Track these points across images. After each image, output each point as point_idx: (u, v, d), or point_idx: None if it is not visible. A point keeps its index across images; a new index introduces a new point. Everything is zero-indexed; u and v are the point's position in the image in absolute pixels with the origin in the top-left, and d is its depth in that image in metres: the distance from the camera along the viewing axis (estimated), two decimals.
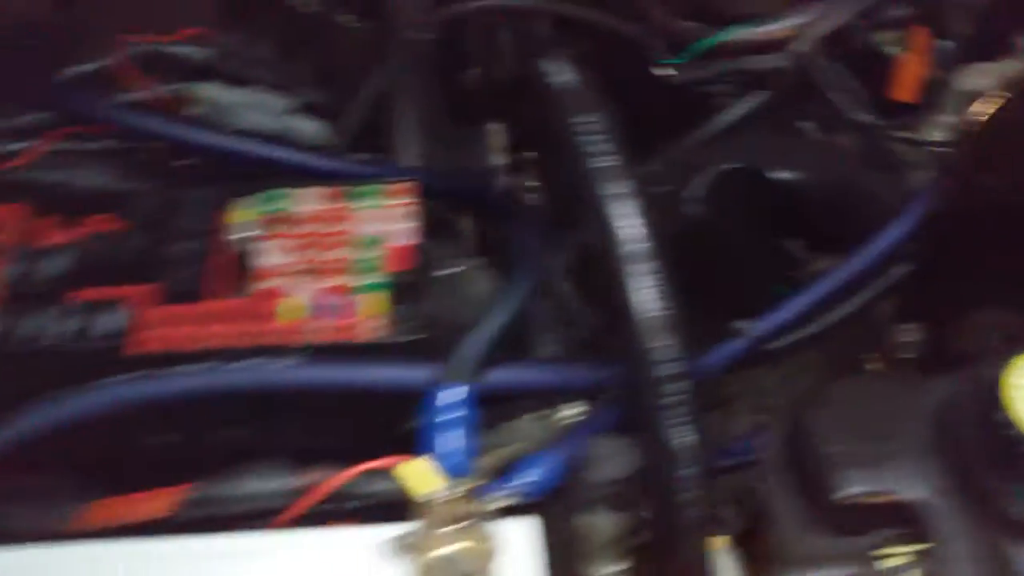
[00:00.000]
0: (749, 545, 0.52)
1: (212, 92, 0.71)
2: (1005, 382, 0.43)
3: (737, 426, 0.66)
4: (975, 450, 0.43)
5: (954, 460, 0.44)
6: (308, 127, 0.75)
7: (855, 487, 0.45)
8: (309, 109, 0.76)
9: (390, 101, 0.75)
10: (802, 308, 0.64)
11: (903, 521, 0.44)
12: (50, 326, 0.52)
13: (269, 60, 0.78)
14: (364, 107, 0.75)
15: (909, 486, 0.44)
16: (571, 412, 0.56)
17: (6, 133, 0.65)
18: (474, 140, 0.76)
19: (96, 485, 0.51)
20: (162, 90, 0.70)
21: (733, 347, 0.62)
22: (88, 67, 0.70)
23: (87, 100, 0.65)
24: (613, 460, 0.49)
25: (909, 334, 0.65)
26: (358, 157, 0.69)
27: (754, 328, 0.63)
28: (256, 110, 0.73)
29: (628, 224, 0.53)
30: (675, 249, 0.50)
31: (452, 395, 0.50)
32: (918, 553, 0.44)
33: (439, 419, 0.49)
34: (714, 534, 0.52)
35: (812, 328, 0.65)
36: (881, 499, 0.45)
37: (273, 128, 0.72)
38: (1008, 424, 0.41)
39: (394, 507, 0.49)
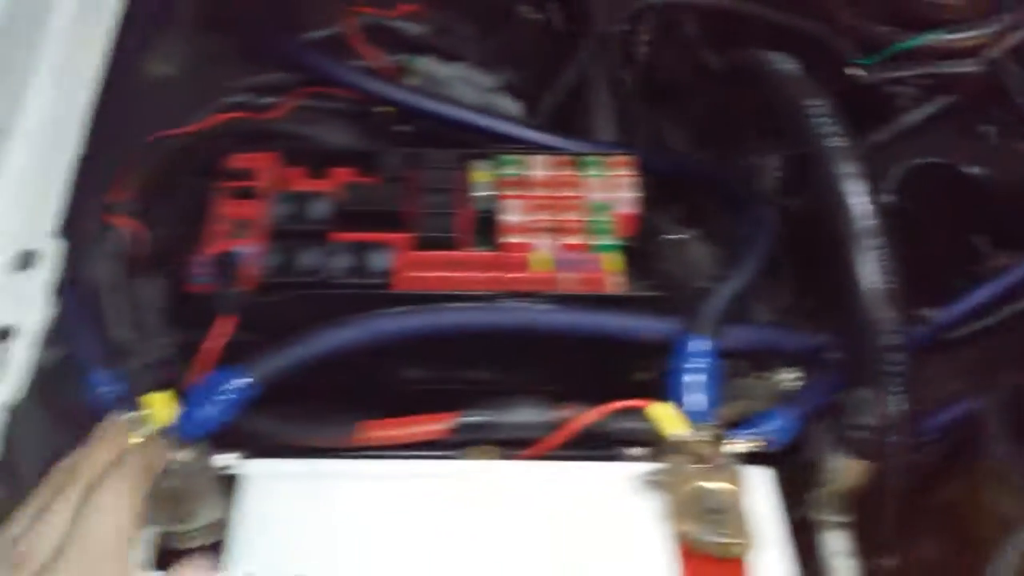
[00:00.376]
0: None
1: (428, 65, 0.77)
2: None
3: None
4: None
5: None
6: (508, 105, 0.80)
7: None
8: (508, 89, 0.81)
9: (586, 87, 0.80)
10: (984, 300, 0.67)
11: None
12: (324, 262, 0.57)
13: (474, 40, 0.82)
14: (562, 91, 0.79)
15: None
16: (788, 376, 0.60)
17: (259, 88, 0.71)
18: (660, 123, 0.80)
19: (366, 409, 0.55)
20: (386, 60, 0.75)
21: (918, 333, 0.65)
22: (322, 33, 0.75)
23: (327, 63, 0.70)
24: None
25: None
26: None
27: (938, 317, 0.66)
28: (465, 84, 0.78)
29: (859, 202, 0.57)
30: None
31: (699, 346, 0.54)
32: None
33: (687, 367, 0.53)
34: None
35: (990, 320, 0.68)
36: None
37: (479, 103, 0.77)
38: None
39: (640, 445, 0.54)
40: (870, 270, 0.55)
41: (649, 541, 0.48)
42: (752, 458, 0.53)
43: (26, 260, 0.54)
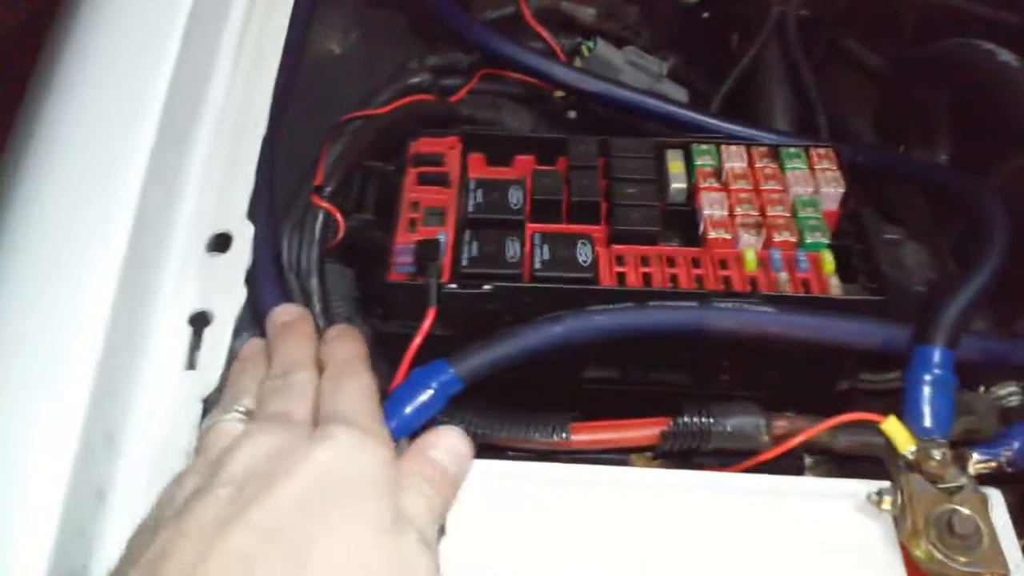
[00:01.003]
0: None
1: (599, 49, 0.73)
2: None
3: None
4: None
5: None
6: (676, 91, 0.76)
7: None
8: (673, 75, 0.77)
9: (761, 75, 0.76)
10: None
11: None
12: (525, 253, 0.54)
13: (638, 23, 0.79)
14: (735, 78, 0.75)
15: None
16: (1006, 392, 0.56)
17: (436, 68, 0.68)
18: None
19: (560, 409, 0.53)
20: (562, 43, 0.72)
21: None
22: (496, 13, 0.72)
23: (505, 43, 0.67)
24: None
25: None
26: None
27: None
28: (636, 69, 0.74)
29: None
30: None
31: (934, 357, 0.50)
32: None
33: (922, 379, 0.49)
34: None
35: None
36: None
37: (650, 89, 0.74)
38: None
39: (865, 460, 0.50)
40: None
41: (879, 566, 0.45)
42: (981, 479, 0.49)
43: (220, 243, 0.53)
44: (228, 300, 0.51)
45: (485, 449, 0.50)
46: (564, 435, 0.50)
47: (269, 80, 0.57)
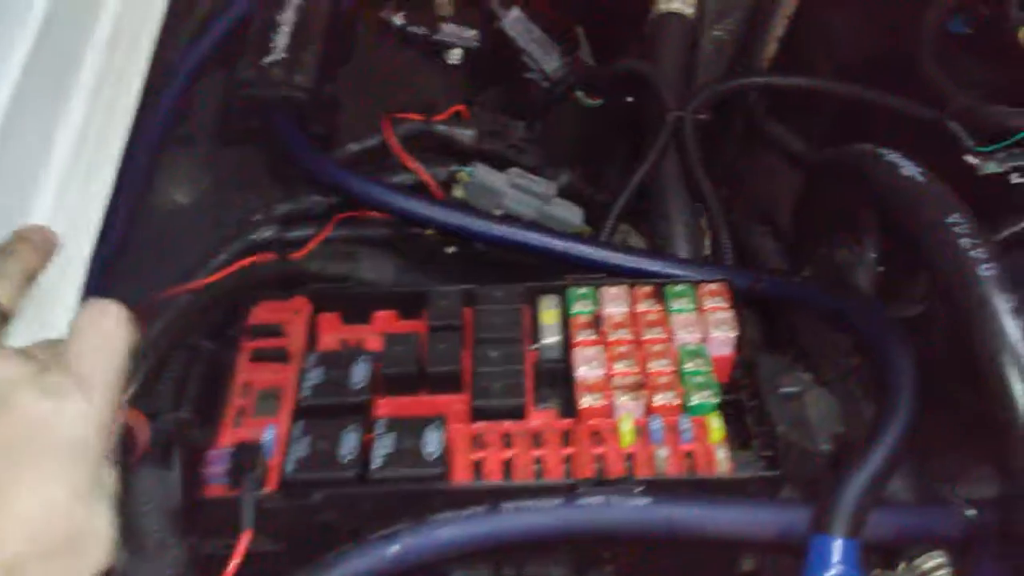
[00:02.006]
0: None
1: (479, 174, 0.67)
2: None
3: None
4: None
5: None
6: (570, 213, 0.70)
7: None
8: (567, 191, 0.71)
9: (659, 187, 0.70)
10: None
11: None
12: (364, 448, 0.47)
13: (525, 139, 0.73)
14: (631, 192, 0.69)
15: None
16: (932, 564, 0.49)
17: (286, 218, 0.62)
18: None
19: None
20: (433, 172, 0.66)
21: None
22: (358, 147, 0.66)
23: (361, 182, 0.61)
24: None
25: None
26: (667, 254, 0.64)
27: None
28: (521, 192, 0.68)
29: (1015, 348, 0.47)
30: None
31: (833, 549, 0.43)
32: None
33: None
34: None
35: None
36: None
37: (537, 213, 0.68)
38: None
39: None
40: None
41: None
42: None
43: None
44: None
45: None
46: None
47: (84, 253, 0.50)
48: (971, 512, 0.48)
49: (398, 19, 0.77)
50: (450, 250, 0.65)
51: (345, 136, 0.69)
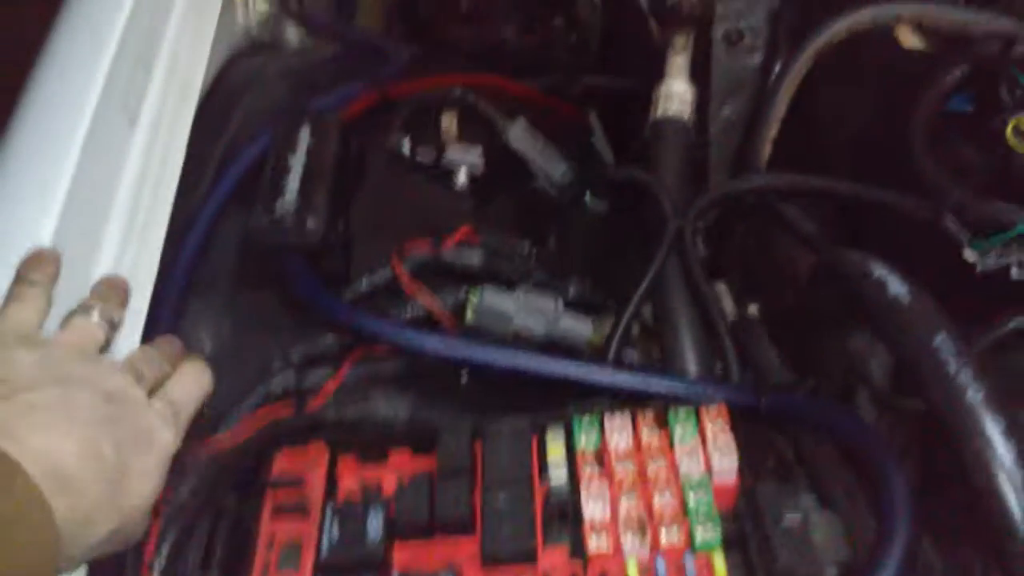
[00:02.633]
0: None
1: (487, 298, 0.69)
2: None
3: None
4: None
5: None
6: (580, 325, 0.72)
7: None
8: (577, 305, 0.73)
9: (663, 298, 0.72)
10: None
11: None
12: None
13: (533, 256, 0.76)
14: (636, 305, 0.71)
15: None
16: None
17: (309, 360, 0.65)
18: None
19: None
20: (443, 300, 0.69)
21: None
22: (369, 283, 0.69)
23: (370, 321, 0.64)
24: None
25: None
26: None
27: None
28: (529, 313, 0.70)
29: (1010, 471, 0.48)
30: None
31: None
32: None
33: None
34: None
35: None
36: None
37: (547, 329, 0.70)
38: None
39: None
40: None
41: None
42: None
43: None
44: None
45: None
46: None
47: None
48: None
49: (405, 147, 0.81)
50: (464, 378, 0.67)
51: (360, 267, 0.72)
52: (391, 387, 0.64)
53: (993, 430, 0.49)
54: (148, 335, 0.61)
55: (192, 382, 0.56)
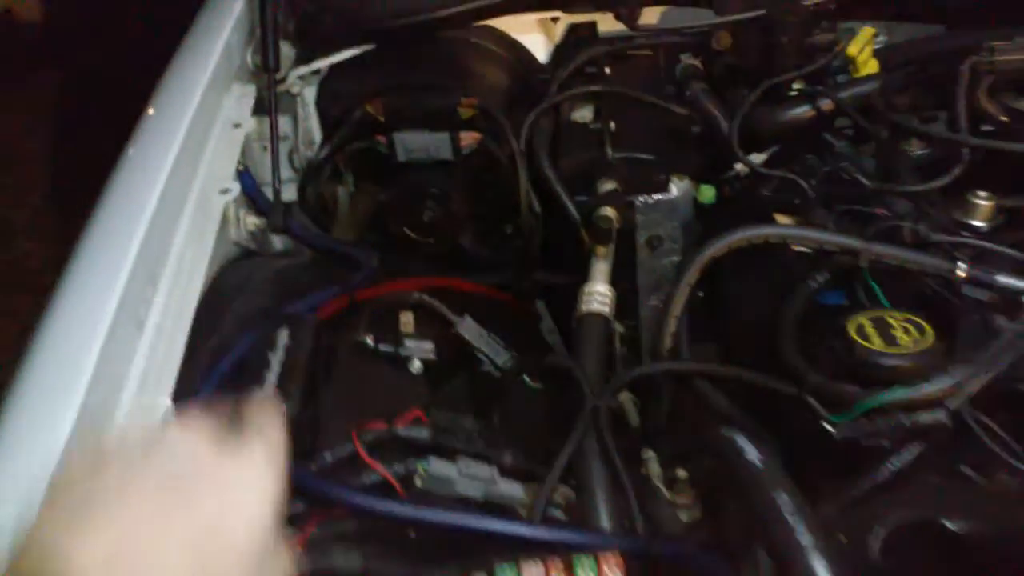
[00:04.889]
0: None
1: (433, 467, 0.83)
2: None
3: None
4: None
5: None
6: (512, 489, 0.85)
7: None
8: (512, 472, 0.87)
9: (581, 466, 0.86)
10: None
11: None
12: None
13: (472, 431, 0.90)
14: (558, 471, 0.85)
15: None
16: None
17: None
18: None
19: None
20: (394, 470, 0.82)
21: None
22: (332, 457, 0.83)
23: (333, 489, 0.78)
24: None
25: None
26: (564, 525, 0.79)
27: None
28: (468, 480, 0.84)
29: None
30: None
31: None
32: None
33: None
34: None
35: None
36: None
37: (486, 495, 0.84)
38: None
39: None
40: None
41: None
42: None
43: None
44: None
45: None
46: None
47: None
48: None
49: (369, 340, 0.97)
50: (411, 535, 0.80)
51: (328, 442, 0.86)
52: (349, 543, 0.77)
53: (818, 565, 0.62)
54: None
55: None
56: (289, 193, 1.26)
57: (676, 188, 1.15)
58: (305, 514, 0.79)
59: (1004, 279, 0.86)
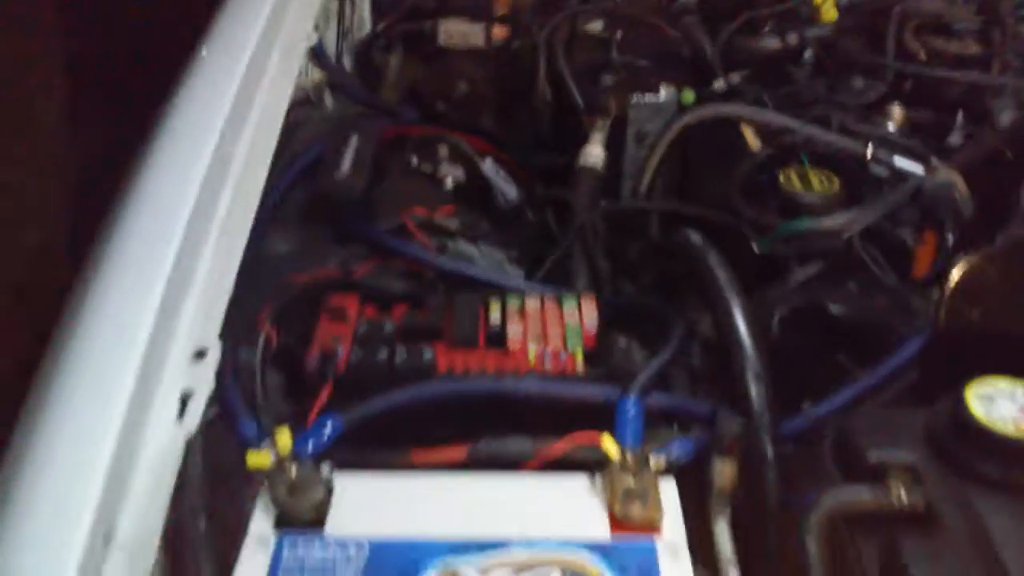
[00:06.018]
0: None
1: (459, 245, 1.11)
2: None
3: None
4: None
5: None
6: (516, 273, 1.14)
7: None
8: (514, 261, 1.16)
9: (568, 264, 1.15)
10: (844, 401, 0.95)
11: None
12: (391, 356, 0.89)
13: (490, 231, 1.18)
14: (552, 263, 1.13)
15: None
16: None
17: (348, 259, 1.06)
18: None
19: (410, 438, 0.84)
20: (431, 242, 1.10)
21: (800, 421, 0.94)
22: (390, 224, 1.11)
23: (395, 241, 1.06)
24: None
25: None
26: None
27: (814, 411, 0.95)
28: (484, 258, 1.12)
29: (750, 342, 0.88)
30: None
31: (631, 403, 0.83)
32: None
33: (626, 414, 0.83)
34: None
35: None
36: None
37: (493, 269, 1.12)
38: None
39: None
40: (754, 388, 0.85)
41: (596, 517, 0.76)
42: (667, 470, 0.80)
43: (200, 353, 0.86)
44: (203, 388, 0.84)
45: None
46: (406, 456, 0.82)
47: (235, 262, 0.94)
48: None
49: (413, 160, 1.24)
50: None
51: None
52: (397, 274, 1.05)
53: (735, 303, 0.90)
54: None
55: None
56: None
57: (664, 93, 1.42)
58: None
59: (900, 161, 1.15)
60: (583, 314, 0.96)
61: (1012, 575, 0.65)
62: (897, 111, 1.25)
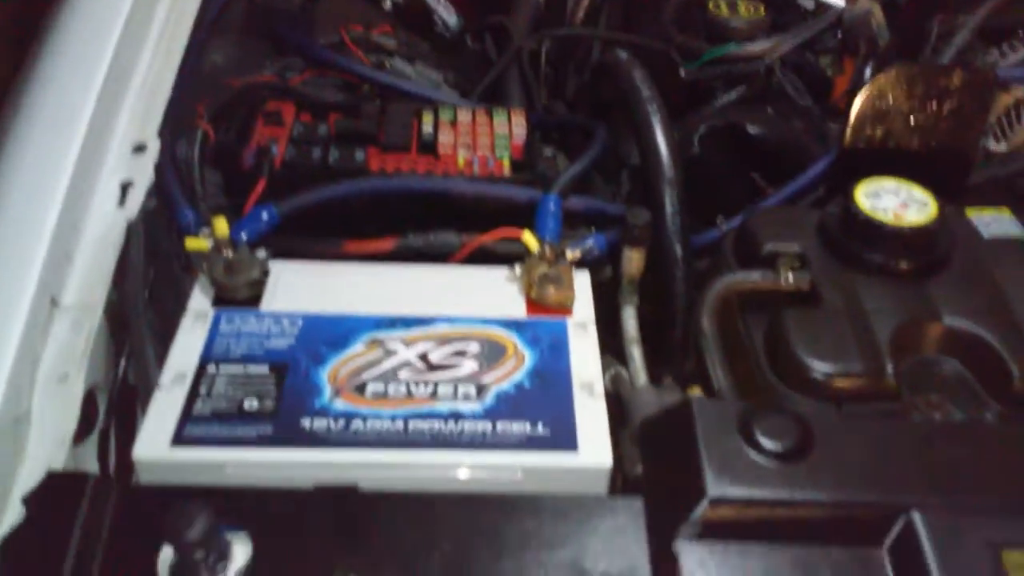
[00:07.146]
0: None
1: (396, 64, 1.14)
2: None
3: None
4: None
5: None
6: (449, 91, 1.17)
7: None
8: (448, 82, 1.19)
9: (503, 86, 1.18)
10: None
11: None
12: (325, 156, 0.93)
13: (427, 52, 1.21)
14: (487, 84, 1.17)
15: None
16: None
17: (285, 68, 1.08)
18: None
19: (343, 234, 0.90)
20: (371, 59, 1.13)
21: (714, 233, 1.00)
22: (328, 39, 1.13)
23: (331, 54, 1.08)
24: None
25: None
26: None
27: (727, 225, 1.02)
28: (420, 77, 1.15)
29: (665, 150, 0.93)
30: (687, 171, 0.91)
31: (552, 201, 0.89)
32: None
33: (546, 211, 0.88)
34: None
35: None
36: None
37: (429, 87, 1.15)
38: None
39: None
40: (668, 199, 0.91)
41: (515, 299, 0.82)
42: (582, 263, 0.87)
43: (140, 148, 0.89)
44: (143, 177, 0.88)
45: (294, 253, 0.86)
46: (339, 246, 0.87)
47: (174, 68, 0.96)
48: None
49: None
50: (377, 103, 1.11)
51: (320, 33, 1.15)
52: (332, 87, 1.07)
53: (652, 110, 0.95)
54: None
55: None
56: None
57: None
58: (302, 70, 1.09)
59: None
60: (512, 125, 1.01)
61: (877, 339, 0.73)
62: None
